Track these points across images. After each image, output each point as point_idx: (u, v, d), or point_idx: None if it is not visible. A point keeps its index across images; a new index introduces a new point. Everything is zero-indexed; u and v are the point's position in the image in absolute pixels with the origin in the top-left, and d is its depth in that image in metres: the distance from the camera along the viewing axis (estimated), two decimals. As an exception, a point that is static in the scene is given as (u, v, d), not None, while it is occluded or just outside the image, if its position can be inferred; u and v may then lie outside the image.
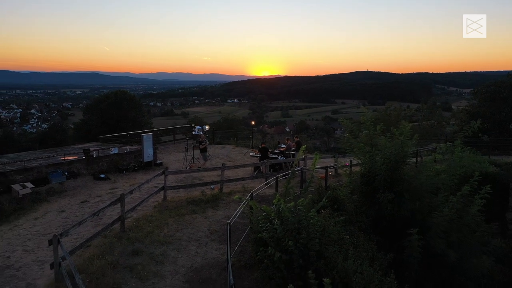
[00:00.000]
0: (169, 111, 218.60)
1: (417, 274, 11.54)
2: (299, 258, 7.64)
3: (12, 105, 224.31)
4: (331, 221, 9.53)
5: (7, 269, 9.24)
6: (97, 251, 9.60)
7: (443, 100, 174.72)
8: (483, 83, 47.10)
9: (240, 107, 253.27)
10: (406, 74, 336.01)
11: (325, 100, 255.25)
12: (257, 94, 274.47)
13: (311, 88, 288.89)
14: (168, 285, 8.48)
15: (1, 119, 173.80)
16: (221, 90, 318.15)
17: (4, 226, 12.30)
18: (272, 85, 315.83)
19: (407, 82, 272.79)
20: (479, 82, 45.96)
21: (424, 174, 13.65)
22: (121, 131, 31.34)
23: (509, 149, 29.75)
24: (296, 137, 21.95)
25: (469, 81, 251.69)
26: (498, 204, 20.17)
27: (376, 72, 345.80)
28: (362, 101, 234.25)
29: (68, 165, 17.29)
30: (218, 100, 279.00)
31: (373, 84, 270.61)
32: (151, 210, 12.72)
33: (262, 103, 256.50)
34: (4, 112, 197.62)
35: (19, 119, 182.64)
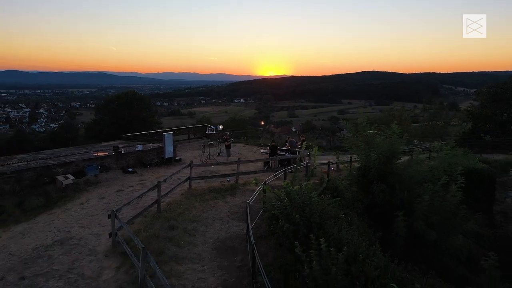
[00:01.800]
0: (175, 111, 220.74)
1: (403, 252, 13.72)
2: (303, 228, 9.89)
3: (21, 105, 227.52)
4: (330, 202, 11.78)
5: (70, 239, 11.60)
6: (141, 227, 11.93)
7: (451, 100, 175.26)
8: (490, 84, 48.54)
9: (247, 107, 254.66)
10: (413, 74, 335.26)
11: (331, 100, 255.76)
12: (263, 94, 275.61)
13: (317, 88, 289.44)
14: (200, 251, 10.79)
15: (10, 119, 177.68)
16: (227, 90, 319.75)
17: (56, 209, 14.67)
18: (278, 85, 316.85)
19: (413, 82, 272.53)
20: (487, 82, 47.02)
21: (413, 168, 15.88)
22: (133, 130, 32.74)
23: (508, 149, 30.63)
24: (302, 137, 24.25)
25: (476, 81, 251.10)
26: (485, 197, 22.37)
27: (382, 72, 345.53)
28: (368, 101, 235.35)
29: (100, 160, 19.65)
30: (224, 100, 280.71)
31: (380, 84, 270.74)
32: (179, 197, 15.06)
33: (268, 103, 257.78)
34: (13, 112, 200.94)
35: (28, 118, 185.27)
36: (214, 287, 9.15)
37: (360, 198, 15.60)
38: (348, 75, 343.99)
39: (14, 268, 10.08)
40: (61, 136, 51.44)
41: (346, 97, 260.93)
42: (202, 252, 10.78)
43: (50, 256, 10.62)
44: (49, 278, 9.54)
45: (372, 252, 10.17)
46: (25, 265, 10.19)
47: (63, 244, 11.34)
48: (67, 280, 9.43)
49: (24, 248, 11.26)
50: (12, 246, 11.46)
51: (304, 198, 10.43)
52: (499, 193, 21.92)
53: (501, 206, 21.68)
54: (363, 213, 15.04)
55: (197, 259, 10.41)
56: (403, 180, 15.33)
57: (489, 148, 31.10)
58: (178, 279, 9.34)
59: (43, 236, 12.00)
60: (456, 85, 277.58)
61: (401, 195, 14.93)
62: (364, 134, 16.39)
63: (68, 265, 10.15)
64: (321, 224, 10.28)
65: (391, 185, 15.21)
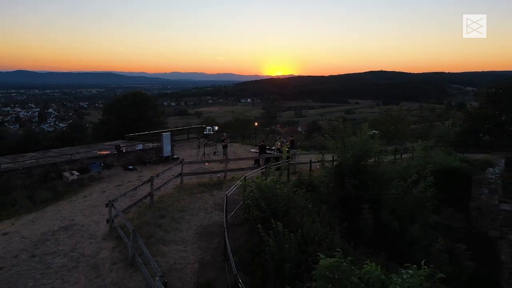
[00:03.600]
0: (183, 111, 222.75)
1: (373, 240, 15.38)
2: (270, 215, 11.62)
3: (30, 105, 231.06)
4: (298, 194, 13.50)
5: (74, 226, 13.45)
6: (135, 215, 13.76)
7: (459, 100, 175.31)
8: (489, 84, 49.34)
9: (253, 107, 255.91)
10: (421, 73, 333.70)
11: (339, 100, 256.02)
12: (270, 94, 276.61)
13: (324, 88, 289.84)
14: (184, 235, 12.60)
15: (20, 118, 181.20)
16: (234, 90, 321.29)
17: (62, 201, 16.55)
18: (285, 85, 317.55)
19: (421, 82, 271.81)
20: (496, 82, 47.73)
21: (384, 166, 17.57)
22: (138, 130, 34.16)
23: (505, 149, 30.59)
24: (291, 137, 25.98)
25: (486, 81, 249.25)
26: (463, 194, 23.94)
27: (390, 72, 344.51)
28: (376, 101, 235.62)
29: (103, 158, 21.53)
30: (231, 100, 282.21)
31: (387, 84, 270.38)
32: (171, 190, 16.87)
33: (275, 103, 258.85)
34: (23, 112, 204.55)
35: (37, 118, 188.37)
36: (192, 263, 10.93)
37: (336, 193, 17.27)
38: (356, 75, 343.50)
39: (26, 248, 11.92)
40: (69, 136, 53.25)
41: (353, 97, 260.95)
42: (186, 236, 12.57)
43: (57, 239, 12.47)
44: (56, 256, 11.37)
45: (330, 236, 11.89)
46: (35, 246, 12.03)
47: (68, 229, 13.19)
48: (70, 257, 11.26)
49: (34, 233, 13.10)
50: (24, 231, 13.31)
51: (271, 188, 12.15)
52: (475, 190, 23.37)
53: (477, 202, 23.17)
54: (338, 206, 16.74)
55: (181, 242, 12.20)
56: (374, 176, 17.01)
57: (486, 148, 31.56)
58: (163, 257, 11.13)
59: (50, 223, 13.85)
60: (465, 85, 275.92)
61: (372, 190, 16.61)
62: (340, 134, 18.10)
63: (72, 246, 11.98)
64: (287, 212, 12.01)
65: (363, 181, 16.93)
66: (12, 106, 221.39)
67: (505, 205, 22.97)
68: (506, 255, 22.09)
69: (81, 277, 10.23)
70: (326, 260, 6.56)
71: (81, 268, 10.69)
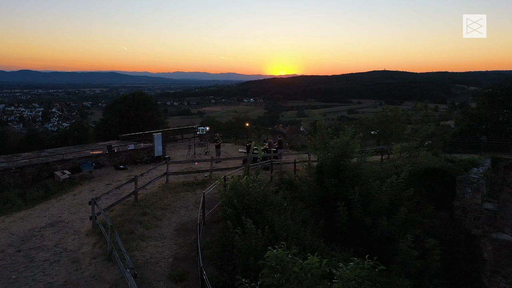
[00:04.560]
0: (185, 111, 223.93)
1: (347, 237, 15.97)
2: (243, 212, 12.21)
3: (34, 104, 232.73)
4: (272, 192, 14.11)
5: (60, 222, 14.12)
6: (119, 213, 14.42)
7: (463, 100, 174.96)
8: (487, 84, 49.47)
9: (256, 106, 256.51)
10: (425, 73, 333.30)
11: (342, 100, 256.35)
12: (273, 94, 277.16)
13: (327, 88, 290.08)
14: (164, 232, 13.24)
15: (24, 118, 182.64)
16: (237, 89, 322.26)
17: (52, 199, 17.21)
18: (288, 84, 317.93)
19: (425, 81, 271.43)
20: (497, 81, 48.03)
21: (363, 166, 18.14)
22: (138, 130, 35.00)
23: (501, 149, 30.87)
24: (279, 137, 26.58)
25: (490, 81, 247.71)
26: (447, 193, 24.46)
27: (393, 72, 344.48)
28: (379, 101, 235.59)
29: (95, 158, 22.20)
30: (234, 100, 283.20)
31: (390, 84, 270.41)
32: (156, 189, 17.53)
33: (277, 102, 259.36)
34: (27, 111, 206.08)
35: (41, 117, 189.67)
36: (167, 257, 11.57)
37: (316, 192, 17.87)
38: (359, 75, 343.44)
39: (13, 244, 12.59)
40: (72, 135, 54.02)
41: (356, 96, 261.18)
42: (165, 233, 13.22)
43: (42, 235, 13.14)
44: (40, 251, 12.04)
45: (302, 233, 12.49)
46: (21, 242, 12.70)
47: (54, 226, 13.86)
48: (53, 252, 11.92)
49: (22, 229, 13.77)
50: (13, 228, 13.97)
51: (245, 187, 12.76)
52: (459, 189, 23.87)
53: (461, 201, 23.65)
54: (317, 204, 17.35)
55: (159, 238, 12.84)
56: (353, 176, 17.58)
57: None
58: (140, 252, 11.77)
59: (38, 220, 14.52)
60: (469, 84, 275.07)
61: (350, 189, 17.18)
62: (322, 136, 18.69)
63: (56, 241, 12.65)
64: (259, 210, 12.60)
65: (342, 180, 17.52)
66: (16, 106, 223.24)
67: (488, 204, 23.47)
68: (488, 253, 22.62)
69: (61, 270, 10.87)
70: (272, 251, 7.15)
71: (63, 262, 11.33)
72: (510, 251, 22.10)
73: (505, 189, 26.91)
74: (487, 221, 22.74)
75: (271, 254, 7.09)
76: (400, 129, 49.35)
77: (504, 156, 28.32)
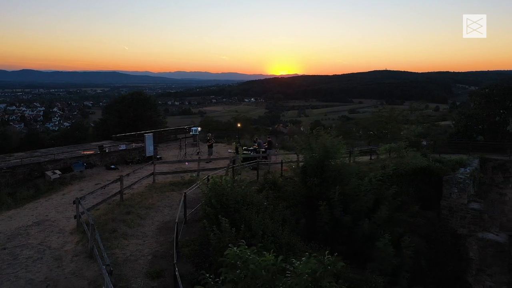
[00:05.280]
0: (186, 110, 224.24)
1: (328, 236, 16.30)
2: (221, 212, 12.56)
3: (35, 104, 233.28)
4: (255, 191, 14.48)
5: (47, 221, 14.52)
6: (104, 212, 14.81)
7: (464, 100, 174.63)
8: (483, 84, 49.57)
9: (257, 106, 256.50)
10: (426, 73, 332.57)
11: (342, 100, 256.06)
12: (274, 93, 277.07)
13: (328, 88, 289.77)
14: (146, 230, 13.61)
15: (25, 118, 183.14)
16: (238, 89, 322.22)
17: (42, 199, 17.62)
18: (289, 84, 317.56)
19: (426, 81, 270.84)
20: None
21: (345, 166, 18.50)
22: (137, 130, 35.09)
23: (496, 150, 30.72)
24: (268, 138, 26.96)
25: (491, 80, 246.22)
26: (434, 193, 24.80)
27: (395, 71, 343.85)
28: (380, 101, 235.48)
29: (86, 158, 22.61)
30: (235, 99, 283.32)
31: (392, 84, 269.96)
32: (143, 189, 17.93)
33: (278, 102, 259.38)
34: (28, 111, 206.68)
35: (42, 117, 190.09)
36: (147, 255, 11.94)
37: (300, 191, 18.23)
38: (360, 74, 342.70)
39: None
40: (72, 135, 54.28)
41: (357, 96, 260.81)
42: (147, 231, 13.59)
43: (28, 233, 13.53)
44: (24, 248, 12.43)
45: (279, 232, 12.84)
46: (7, 240, 13.09)
47: (40, 224, 14.26)
48: (37, 250, 12.31)
49: (10, 227, 14.17)
50: (1, 226, 14.37)
51: (224, 187, 13.12)
52: (446, 189, 24.20)
53: (447, 201, 24.02)
54: (300, 204, 17.70)
55: (141, 236, 13.22)
56: (336, 176, 17.93)
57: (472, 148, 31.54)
58: (121, 250, 12.14)
59: (26, 219, 14.92)
60: (470, 84, 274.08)
61: (333, 188, 17.52)
62: (307, 137, 19.06)
63: (41, 239, 13.04)
64: (238, 209, 12.95)
65: (326, 180, 17.87)
66: (17, 105, 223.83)
67: (474, 204, 23.81)
68: (474, 252, 22.98)
69: (43, 267, 11.25)
70: (232, 249, 7.52)
71: (45, 259, 11.71)
72: (495, 250, 22.44)
73: (494, 189, 27.22)
74: (473, 220, 23.08)
75: (230, 251, 7.46)
76: (396, 129, 49.64)
77: (498, 157, 28.48)
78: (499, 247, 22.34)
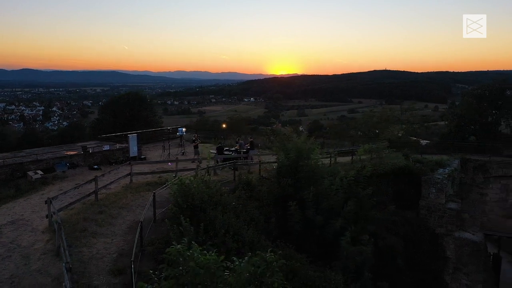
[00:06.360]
0: (185, 110, 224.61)
1: (300, 235, 16.70)
2: (187, 211, 12.96)
3: (35, 103, 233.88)
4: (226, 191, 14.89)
5: (21, 220, 14.93)
6: (77, 211, 15.22)
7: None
8: (476, 85, 49.76)
9: (256, 106, 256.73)
10: (426, 73, 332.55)
11: (342, 99, 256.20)
12: (274, 93, 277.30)
13: (328, 87, 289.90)
14: (116, 229, 14.02)
15: (24, 117, 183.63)
16: (238, 88, 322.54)
17: (21, 199, 18.00)
18: (289, 84, 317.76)
19: (426, 81, 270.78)
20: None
21: (318, 167, 18.90)
22: (133, 129, 35.15)
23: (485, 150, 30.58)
24: (251, 138, 27.36)
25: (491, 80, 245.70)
26: (414, 193, 25.18)
27: (395, 71, 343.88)
28: (379, 101, 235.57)
29: (69, 158, 23.01)
30: (234, 99, 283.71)
31: (392, 83, 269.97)
32: (120, 189, 18.34)
33: (278, 102, 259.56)
34: (27, 110, 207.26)
35: (42, 116, 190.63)
36: (112, 253, 12.35)
37: (274, 191, 18.62)
38: (360, 74, 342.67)
39: (-28, 240, 13.38)
40: (69, 135, 54.70)
41: (357, 96, 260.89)
42: (117, 230, 13.99)
43: (1, 232, 13.93)
44: (-5, 247, 12.83)
45: (244, 231, 13.25)
46: (-20, 238, 13.49)
47: (14, 223, 14.67)
48: (8, 248, 12.71)
49: (-15, 226, 14.57)
50: (-24, 225, 14.77)
51: (190, 187, 13.52)
52: (424, 189, 24.59)
53: (426, 201, 24.42)
54: (273, 204, 18.08)
55: (110, 235, 13.62)
56: (309, 176, 18.34)
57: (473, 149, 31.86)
58: (88, 248, 12.55)
59: (1, 219, 15.30)
60: (470, 84, 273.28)
61: (306, 188, 17.93)
62: (281, 139, 19.49)
63: (13, 238, 13.44)
64: (204, 209, 13.35)
65: (299, 180, 18.27)
66: (16, 105, 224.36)
67: (451, 203, 24.19)
68: (451, 251, 23.39)
69: (11, 265, 11.64)
70: (174, 247, 7.91)
71: (14, 257, 12.11)
72: (471, 249, 22.84)
73: (474, 189, 27.59)
74: (450, 220, 23.48)
75: (172, 249, 7.84)
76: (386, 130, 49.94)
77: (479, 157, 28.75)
78: (475, 246, 22.75)
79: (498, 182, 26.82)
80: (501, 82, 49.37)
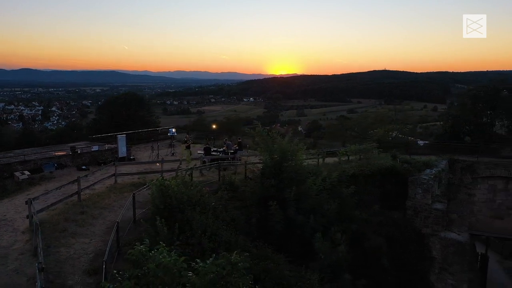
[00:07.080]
0: (185, 110, 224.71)
1: (281, 235, 16.83)
2: (165, 212, 13.12)
3: (34, 103, 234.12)
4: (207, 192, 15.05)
5: (3, 220, 15.11)
6: (58, 211, 15.39)
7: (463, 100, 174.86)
8: (471, 86, 50.08)
9: (256, 106, 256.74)
10: (426, 73, 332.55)
11: (341, 99, 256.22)
12: (273, 93, 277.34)
13: (328, 87, 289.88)
14: (96, 230, 14.19)
15: (23, 117, 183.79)
16: (237, 88, 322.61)
17: (6, 199, 18.20)
18: (289, 84, 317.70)
19: (426, 81, 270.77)
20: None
21: (302, 168, 19.03)
22: (129, 130, 35.27)
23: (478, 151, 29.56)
24: (239, 139, 27.51)
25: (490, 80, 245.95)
26: (401, 194, 25.34)
27: (394, 71, 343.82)
28: (379, 101, 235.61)
29: (58, 159, 23.20)
30: (234, 99, 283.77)
31: (391, 83, 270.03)
32: (104, 189, 18.51)
33: (277, 102, 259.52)
34: (26, 110, 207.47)
35: (41, 116, 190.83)
36: (90, 253, 12.52)
37: (257, 192, 18.74)
38: (359, 74, 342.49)
39: (-48, 240, 13.54)
40: (67, 135, 54.96)
41: (357, 96, 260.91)
42: (97, 231, 14.16)
43: (-18, 232, 14.09)
44: (-25, 246, 12.99)
45: (222, 230, 13.41)
46: (-39, 238, 13.66)
47: (-4, 224, 14.83)
48: (-13, 248, 12.88)
49: (-34, 227, 14.74)
50: (-41, 226, 14.94)
51: (169, 187, 13.67)
52: (411, 190, 24.74)
53: (412, 201, 24.57)
54: (258, 204, 18.22)
55: (90, 235, 13.79)
56: (292, 177, 18.46)
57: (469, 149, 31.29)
58: (66, 248, 12.72)
59: (-16, 219, 15.49)
60: (469, 84, 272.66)
61: (289, 189, 18.04)
62: (265, 140, 19.59)
63: (-7, 238, 13.61)
64: (183, 210, 13.50)
65: (282, 181, 18.40)
66: (16, 104, 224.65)
67: (437, 204, 24.35)
68: (436, 251, 23.55)
69: (-12, 264, 11.82)
70: (137, 248, 8.08)
71: (-8, 257, 12.29)
72: (456, 249, 23.01)
73: (462, 190, 27.70)
74: (436, 220, 23.63)
75: (134, 250, 8.01)
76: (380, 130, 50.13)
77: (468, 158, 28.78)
78: (460, 246, 22.92)
79: (486, 182, 26.93)
80: (497, 82, 49.53)
